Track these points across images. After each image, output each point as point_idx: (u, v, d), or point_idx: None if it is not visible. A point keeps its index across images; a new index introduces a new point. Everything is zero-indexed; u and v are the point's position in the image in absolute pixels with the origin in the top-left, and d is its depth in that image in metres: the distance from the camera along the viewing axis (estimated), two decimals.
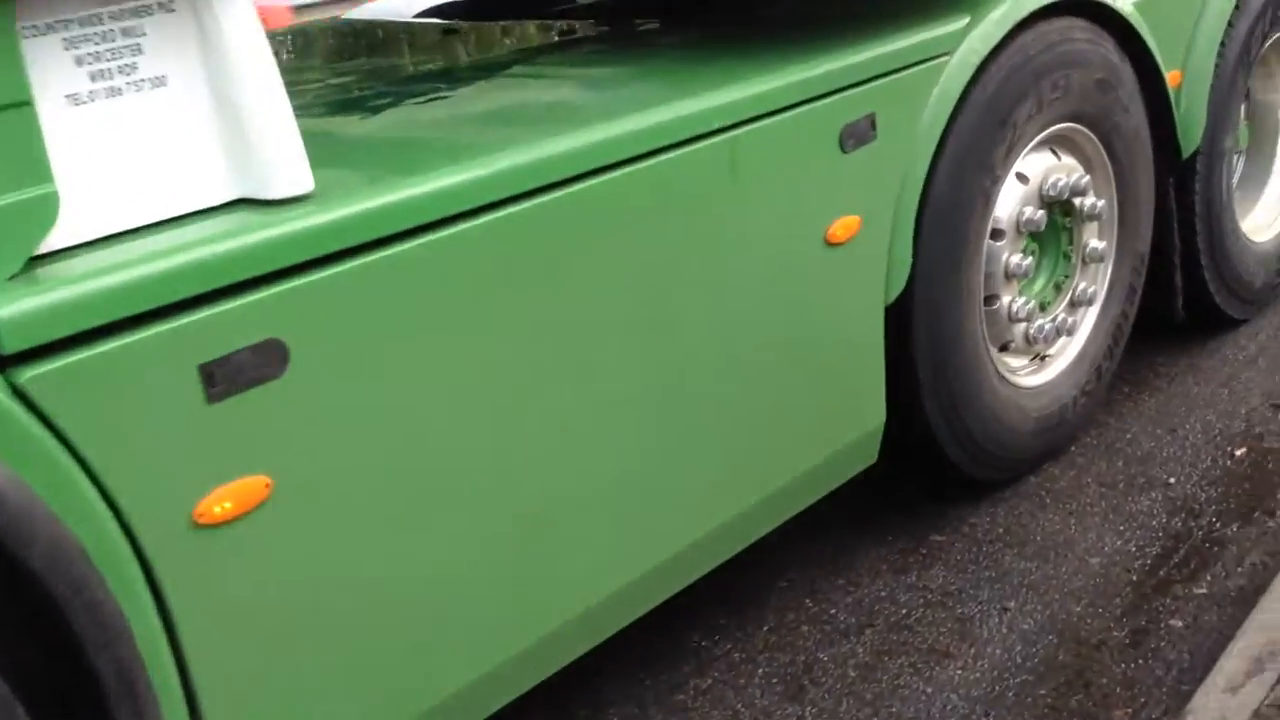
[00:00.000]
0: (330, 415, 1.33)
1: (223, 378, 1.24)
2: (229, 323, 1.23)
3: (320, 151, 1.35)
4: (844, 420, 1.97)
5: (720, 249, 1.69)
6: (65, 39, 1.20)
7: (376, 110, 1.80)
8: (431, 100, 1.82)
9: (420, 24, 2.67)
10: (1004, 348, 2.30)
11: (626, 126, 1.56)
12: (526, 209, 1.46)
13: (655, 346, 1.65)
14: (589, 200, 1.52)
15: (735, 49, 1.94)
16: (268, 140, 1.29)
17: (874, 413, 2.00)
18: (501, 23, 2.44)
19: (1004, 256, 2.18)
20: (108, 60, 1.23)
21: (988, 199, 2.09)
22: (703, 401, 1.73)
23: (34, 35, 1.17)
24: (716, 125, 1.63)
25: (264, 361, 1.26)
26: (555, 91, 1.82)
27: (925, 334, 2.04)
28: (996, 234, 2.16)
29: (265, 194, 1.31)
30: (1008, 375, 2.29)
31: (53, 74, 1.19)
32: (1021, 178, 2.19)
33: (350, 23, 2.96)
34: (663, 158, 1.59)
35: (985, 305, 2.19)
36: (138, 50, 1.25)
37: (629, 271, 1.59)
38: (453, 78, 2.02)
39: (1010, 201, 2.16)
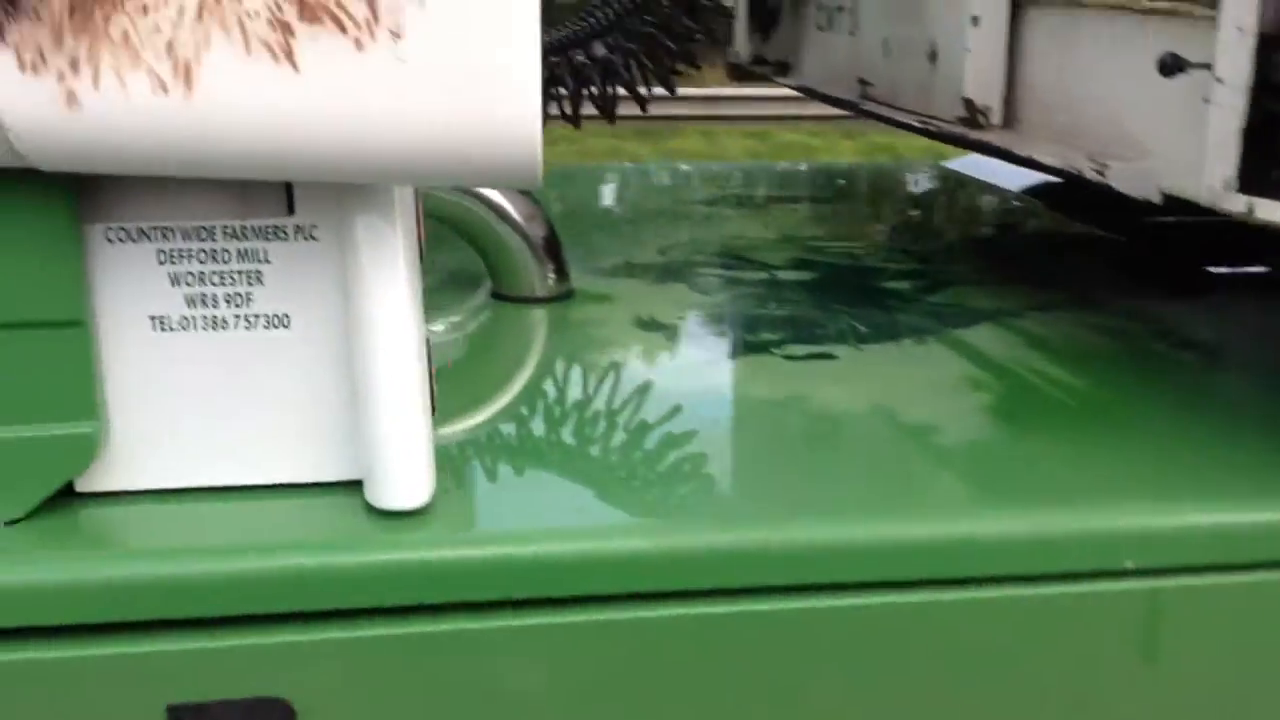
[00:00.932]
0: None
1: None
2: (217, 661, 0.90)
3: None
4: None
5: None
6: (162, 251, 0.94)
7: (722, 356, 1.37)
8: (803, 355, 1.35)
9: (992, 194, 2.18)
10: None
11: (977, 527, 0.99)
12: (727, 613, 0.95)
13: None
14: (853, 621, 0.97)
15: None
16: (382, 431, 0.94)
17: None
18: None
19: None
20: (214, 285, 0.96)
21: None
22: None
23: (121, 241, 0.93)
24: (1129, 564, 0.99)
25: None
26: (926, 405, 1.25)
27: None
28: None
29: (367, 492, 0.97)
30: None
31: (137, 289, 0.94)
32: None
33: (940, 170, 2.57)
34: (1010, 591, 0.99)
35: None
36: (256, 279, 0.96)
37: None
38: (893, 320, 1.52)
39: None
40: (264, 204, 0.95)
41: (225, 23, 0.81)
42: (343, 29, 0.82)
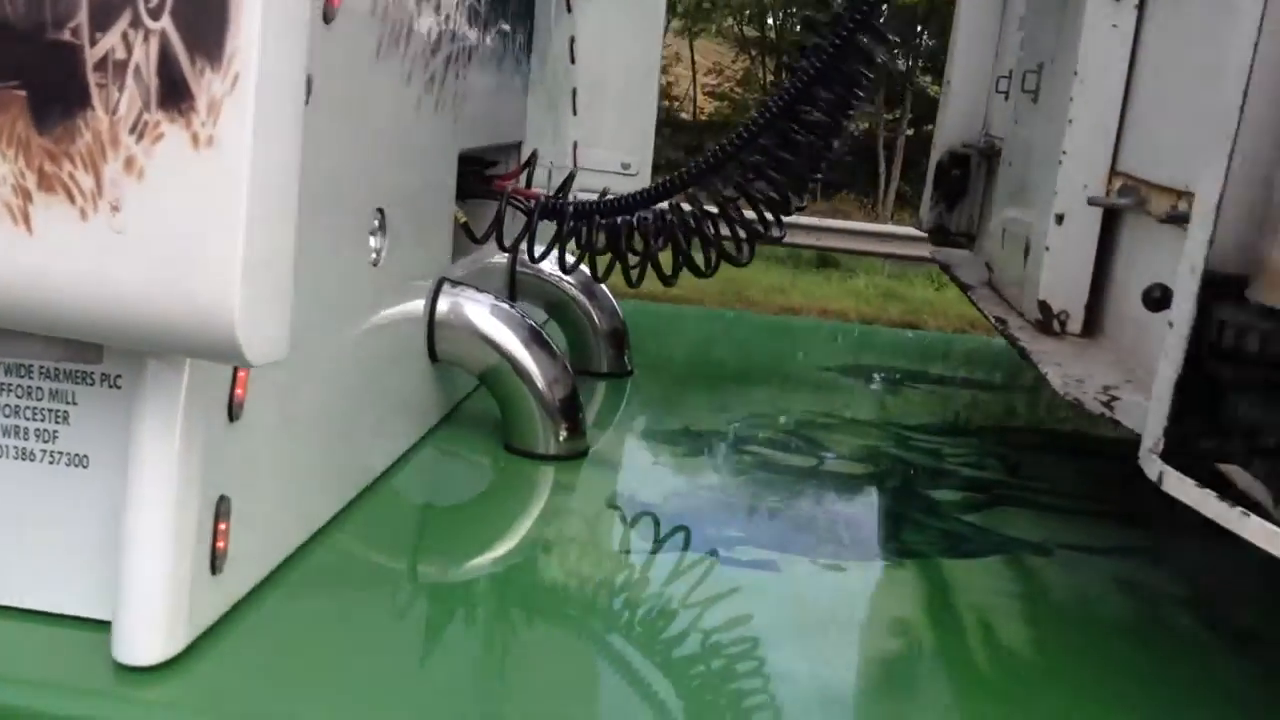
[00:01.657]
0: None
1: None
2: None
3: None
4: None
5: None
6: None
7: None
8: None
9: None
10: None
11: None
12: None
13: None
14: None
15: None
16: (123, 578, 0.96)
17: None
18: None
19: None
20: (26, 419, 1.01)
21: None
22: None
23: None
24: None
25: None
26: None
27: None
28: None
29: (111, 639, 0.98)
30: None
31: None
32: None
33: None
34: None
35: None
36: (63, 419, 1.01)
37: None
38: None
39: None
40: (79, 350, 1.00)
41: None
42: (72, 199, 0.86)
